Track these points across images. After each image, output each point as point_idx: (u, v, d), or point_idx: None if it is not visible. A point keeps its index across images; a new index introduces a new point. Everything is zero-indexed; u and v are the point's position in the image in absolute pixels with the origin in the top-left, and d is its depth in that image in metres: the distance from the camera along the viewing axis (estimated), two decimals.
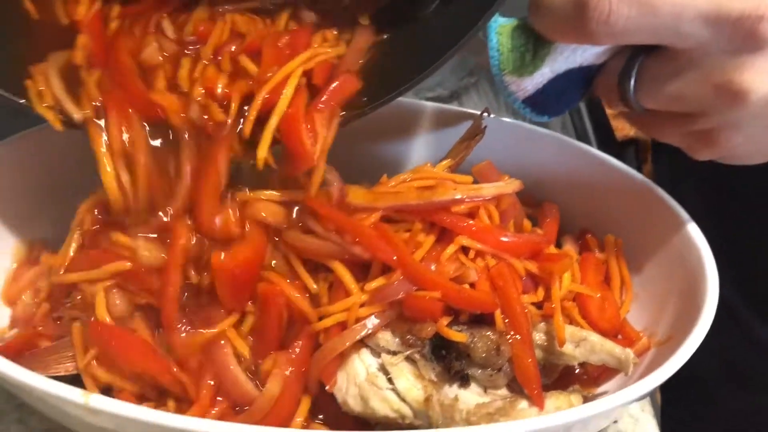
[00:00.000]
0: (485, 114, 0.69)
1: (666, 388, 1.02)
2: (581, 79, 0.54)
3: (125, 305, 0.54)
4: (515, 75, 0.54)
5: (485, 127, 0.68)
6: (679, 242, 0.61)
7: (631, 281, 0.65)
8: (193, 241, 0.54)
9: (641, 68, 0.49)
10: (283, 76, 0.54)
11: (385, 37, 0.59)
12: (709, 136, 0.50)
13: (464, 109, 0.75)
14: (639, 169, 1.18)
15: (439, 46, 0.53)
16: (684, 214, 0.63)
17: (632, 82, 0.50)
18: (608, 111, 1.10)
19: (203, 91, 0.54)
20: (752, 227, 0.83)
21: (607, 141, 1.06)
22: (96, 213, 0.57)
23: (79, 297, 0.54)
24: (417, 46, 0.57)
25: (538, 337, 0.56)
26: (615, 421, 0.62)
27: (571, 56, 0.53)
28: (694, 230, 0.61)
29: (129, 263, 0.54)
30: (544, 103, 0.56)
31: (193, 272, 0.55)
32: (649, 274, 0.65)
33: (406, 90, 0.55)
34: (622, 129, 1.20)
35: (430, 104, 0.76)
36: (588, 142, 1.04)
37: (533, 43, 0.53)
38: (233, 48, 0.56)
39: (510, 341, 0.53)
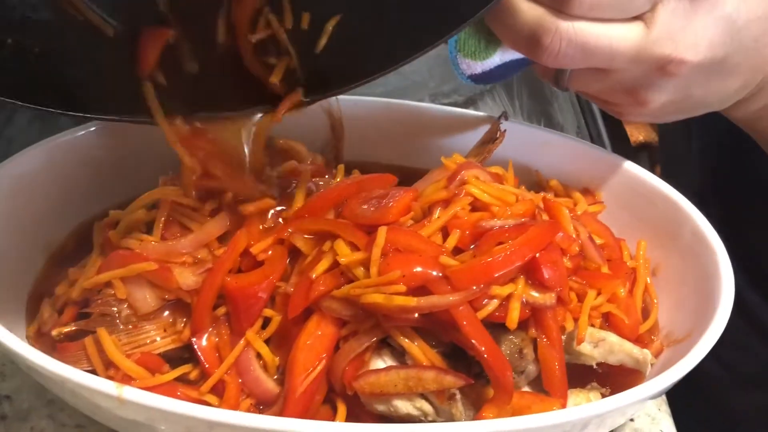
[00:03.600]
0: (503, 118, 0.70)
1: (675, 391, 1.01)
2: (522, 64, 0.64)
3: (155, 300, 0.55)
4: (468, 58, 0.63)
5: (505, 130, 0.69)
6: (694, 243, 0.62)
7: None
8: None
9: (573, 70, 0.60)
10: None
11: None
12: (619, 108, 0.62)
13: (481, 113, 0.76)
14: (651, 171, 1.19)
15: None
16: (698, 214, 0.63)
17: (567, 76, 0.60)
18: None
19: None
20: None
21: (621, 145, 1.07)
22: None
23: (112, 291, 0.55)
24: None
25: None
26: (632, 419, 0.63)
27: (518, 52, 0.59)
28: (708, 230, 0.62)
29: (155, 264, 0.55)
30: (485, 79, 0.65)
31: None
32: (666, 274, 0.65)
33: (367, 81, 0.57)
34: (634, 135, 1.21)
35: (447, 108, 0.77)
36: (602, 146, 1.05)
37: (487, 33, 0.61)
38: None
39: (537, 344, 0.54)
